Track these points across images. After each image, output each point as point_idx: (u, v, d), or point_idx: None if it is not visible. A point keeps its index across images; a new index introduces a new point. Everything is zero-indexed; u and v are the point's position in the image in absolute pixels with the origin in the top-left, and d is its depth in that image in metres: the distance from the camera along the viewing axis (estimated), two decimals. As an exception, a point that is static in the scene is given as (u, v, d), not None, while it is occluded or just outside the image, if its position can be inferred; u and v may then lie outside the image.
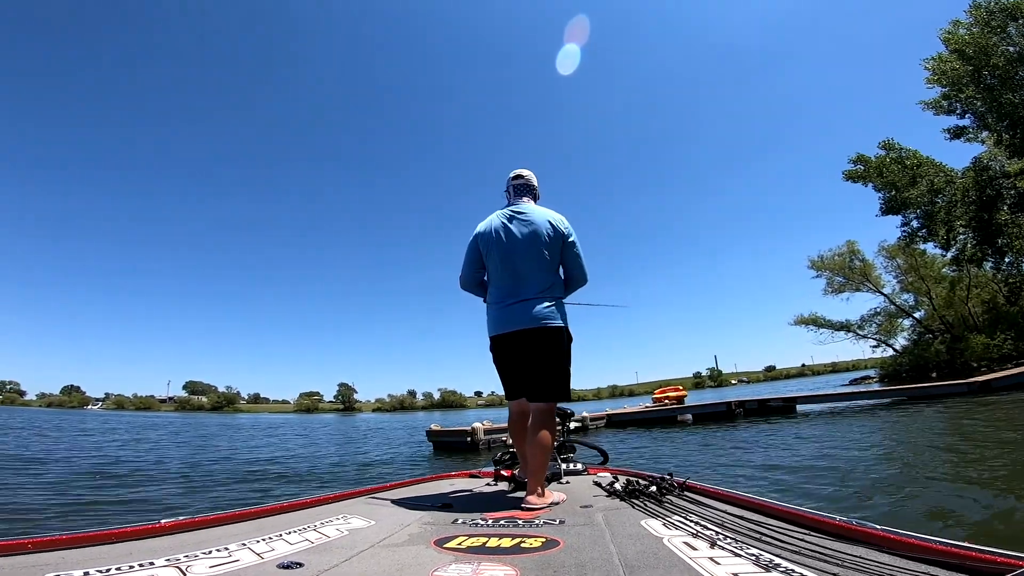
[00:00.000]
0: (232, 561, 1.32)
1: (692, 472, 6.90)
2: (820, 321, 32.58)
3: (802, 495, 4.95)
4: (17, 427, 24.26)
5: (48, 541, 1.33)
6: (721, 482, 5.68)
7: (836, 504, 4.51)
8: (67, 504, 5.97)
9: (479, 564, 1.31)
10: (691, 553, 1.32)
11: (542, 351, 2.43)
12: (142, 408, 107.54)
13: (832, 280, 31.96)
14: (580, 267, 2.64)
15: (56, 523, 4.93)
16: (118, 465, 10.21)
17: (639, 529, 1.66)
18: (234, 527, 1.79)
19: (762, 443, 9.85)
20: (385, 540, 1.64)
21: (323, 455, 13.02)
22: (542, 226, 2.52)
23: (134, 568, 1.20)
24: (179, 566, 1.24)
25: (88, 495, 6.65)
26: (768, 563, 1.18)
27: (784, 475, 6.07)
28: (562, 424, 3.76)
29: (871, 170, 24.72)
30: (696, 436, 12.91)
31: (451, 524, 1.89)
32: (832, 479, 5.55)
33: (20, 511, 5.50)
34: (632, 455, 10.16)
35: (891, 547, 1.21)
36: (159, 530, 1.60)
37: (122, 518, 5.20)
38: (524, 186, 2.73)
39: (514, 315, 2.46)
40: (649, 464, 8.46)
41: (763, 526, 1.49)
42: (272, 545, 1.51)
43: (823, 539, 1.33)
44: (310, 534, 1.69)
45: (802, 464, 6.75)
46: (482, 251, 2.60)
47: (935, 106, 23.05)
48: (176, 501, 6.54)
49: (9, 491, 6.72)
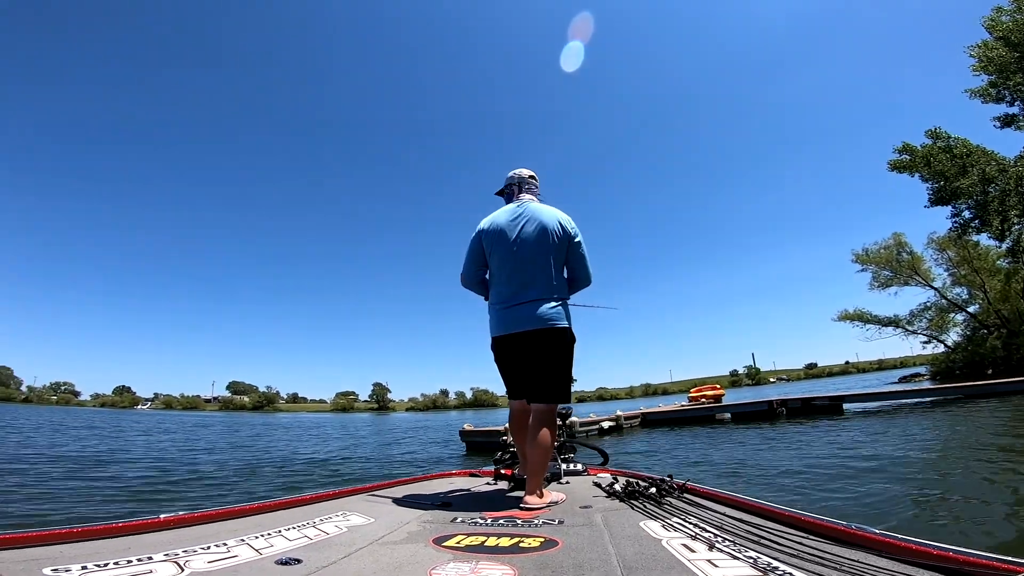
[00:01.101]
0: (231, 557, 1.33)
1: (736, 478, 6.85)
2: (866, 317, 31.55)
3: (867, 504, 4.62)
4: (86, 427, 25.54)
5: (46, 535, 1.33)
6: (767, 488, 5.60)
7: (911, 513, 4.25)
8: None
9: (477, 563, 1.32)
10: (689, 555, 1.33)
11: (546, 352, 2.40)
12: (189, 408, 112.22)
13: (878, 274, 30.93)
14: (585, 268, 2.59)
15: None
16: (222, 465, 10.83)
17: (638, 530, 1.67)
18: (233, 523, 1.79)
19: (810, 444, 9.57)
20: (384, 538, 1.65)
21: (379, 456, 13.25)
22: (550, 225, 2.47)
23: (132, 563, 1.21)
24: (177, 561, 1.25)
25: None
26: (766, 566, 1.18)
27: (842, 481, 5.71)
28: (562, 424, 3.75)
29: (918, 160, 23.77)
30: (737, 436, 12.62)
31: (450, 523, 1.90)
32: (899, 484, 5.30)
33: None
34: (668, 456, 9.96)
35: (889, 551, 1.22)
36: (158, 525, 1.60)
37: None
38: (527, 184, 2.69)
39: (519, 316, 2.41)
40: (685, 466, 8.35)
41: (762, 529, 1.50)
42: (271, 541, 1.52)
43: (821, 542, 1.35)
44: (309, 531, 1.69)
45: (859, 467, 6.46)
46: (485, 248, 2.55)
47: (983, 94, 22.10)
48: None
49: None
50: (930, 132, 23.94)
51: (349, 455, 13.10)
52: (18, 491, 6.47)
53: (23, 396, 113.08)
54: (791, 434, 11.78)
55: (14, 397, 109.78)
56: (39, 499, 6.01)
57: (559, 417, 3.67)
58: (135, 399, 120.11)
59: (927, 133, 24.04)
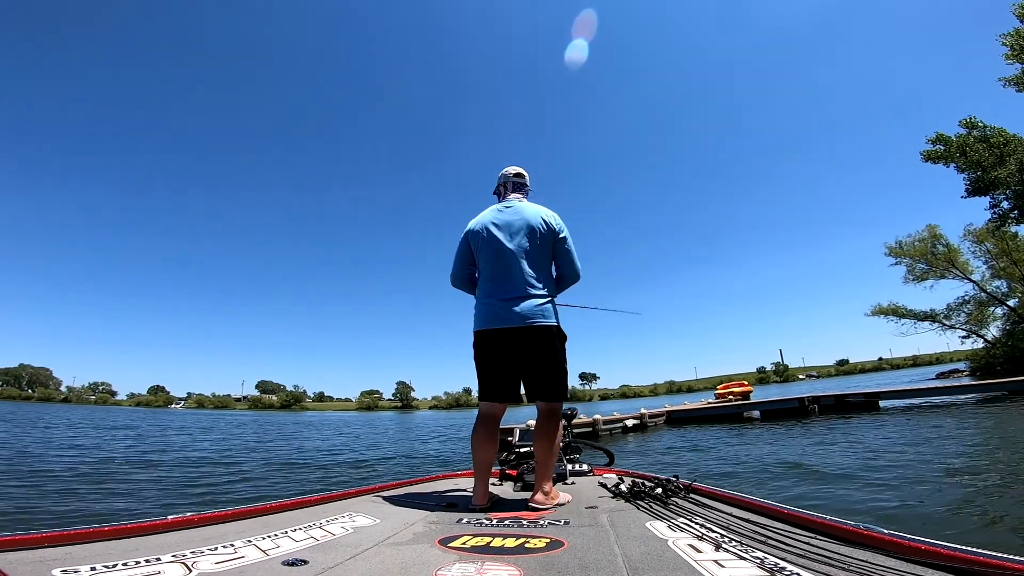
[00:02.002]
0: (237, 557, 1.34)
1: (770, 482, 6.66)
2: (901, 311, 30.61)
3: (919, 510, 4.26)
4: (154, 426, 26.34)
5: (55, 536, 1.33)
6: (817, 493, 5.40)
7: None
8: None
9: (483, 564, 1.32)
10: (696, 555, 1.33)
11: (536, 350, 2.37)
12: (220, 407, 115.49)
13: (913, 267, 29.97)
14: (572, 264, 2.57)
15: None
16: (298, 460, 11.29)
17: (644, 531, 1.66)
18: (240, 524, 1.80)
19: (849, 442, 9.28)
20: (390, 539, 1.65)
21: (413, 454, 13.43)
22: (534, 222, 2.46)
23: (140, 564, 1.22)
24: (185, 562, 1.26)
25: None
26: (773, 566, 1.18)
27: (884, 489, 5.17)
28: (567, 425, 3.77)
29: (952, 150, 23.05)
30: (768, 434, 12.35)
31: (456, 523, 1.90)
32: (968, 489, 4.97)
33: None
34: (696, 456, 9.60)
35: (897, 551, 1.21)
36: (165, 526, 1.60)
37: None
38: (516, 182, 2.68)
39: (503, 312, 2.38)
40: (717, 465, 8.17)
41: (768, 529, 1.49)
42: (277, 542, 1.53)
43: (828, 542, 1.33)
44: (315, 532, 1.70)
45: (904, 468, 6.17)
46: (473, 248, 2.55)
47: (1017, 83, 21.28)
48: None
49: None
50: (965, 122, 23.15)
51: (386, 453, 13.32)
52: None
53: (62, 396, 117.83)
54: (836, 432, 11.35)
55: (54, 397, 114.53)
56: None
57: (564, 417, 3.69)
58: (169, 398, 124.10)
59: (962, 123, 23.27)
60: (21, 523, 4.64)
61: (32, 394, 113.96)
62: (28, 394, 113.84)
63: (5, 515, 4.89)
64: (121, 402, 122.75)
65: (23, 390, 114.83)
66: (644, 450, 11.86)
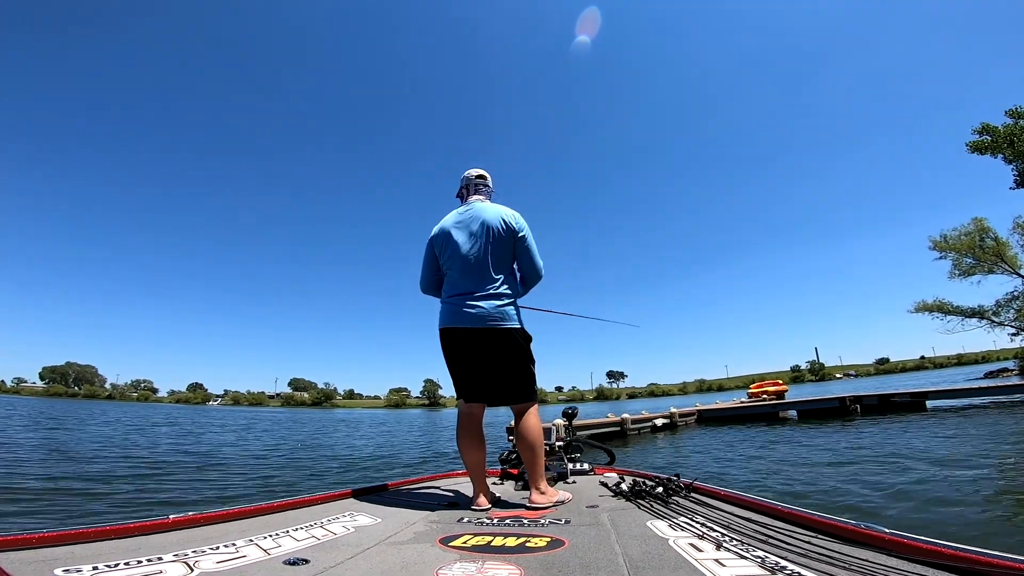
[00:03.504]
0: (239, 557, 1.34)
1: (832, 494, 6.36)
2: (947, 307, 29.21)
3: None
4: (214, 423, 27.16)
5: (57, 536, 1.34)
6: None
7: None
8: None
9: (484, 563, 1.32)
10: (697, 554, 1.32)
11: (496, 354, 2.37)
12: (254, 404, 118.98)
13: (959, 262, 28.64)
14: (532, 264, 2.55)
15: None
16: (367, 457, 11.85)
17: (645, 530, 1.66)
18: (241, 523, 1.80)
19: (904, 446, 8.62)
20: (391, 538, 1.65)
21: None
22: (493, 222, 2.45)
23: (142, 563, 1.22)
24: (187, 561, 1.26)
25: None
26: (774, 565, 1.17)
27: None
28: (567, 424, 3.76)
29: (999, 140, 22.05)
30: (808, 436, 11.84)
31: (457, 523, 1.91)
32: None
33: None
34: (737, 460, 8.92)
35: (899, 551, 1.21)
36: (167, 525, 1.61)
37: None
38: (476, 184, 2.68)
39: (462, 312, 2.39)
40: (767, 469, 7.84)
41: (769, 528, 1.49)
42: (279, 541, 1.53)
43: (830, 542, 1.33)
44: (317, 531, 1.70)
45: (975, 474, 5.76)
46: (437, 252, 2.56)
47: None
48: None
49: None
50: (1011, 112, 22.21)
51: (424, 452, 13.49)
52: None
53: (107, 393, 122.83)
54: (880, 434, 10.80)
55: (98, 394, 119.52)
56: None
57: (565, 417, 3.81)
58: (207, 395, 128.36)
59: (1008, 113, 22.33)
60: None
61: (78, 391, 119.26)
62: (74, 391, 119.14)
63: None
64: (162, 399, 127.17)
65: (70, 387, 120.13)
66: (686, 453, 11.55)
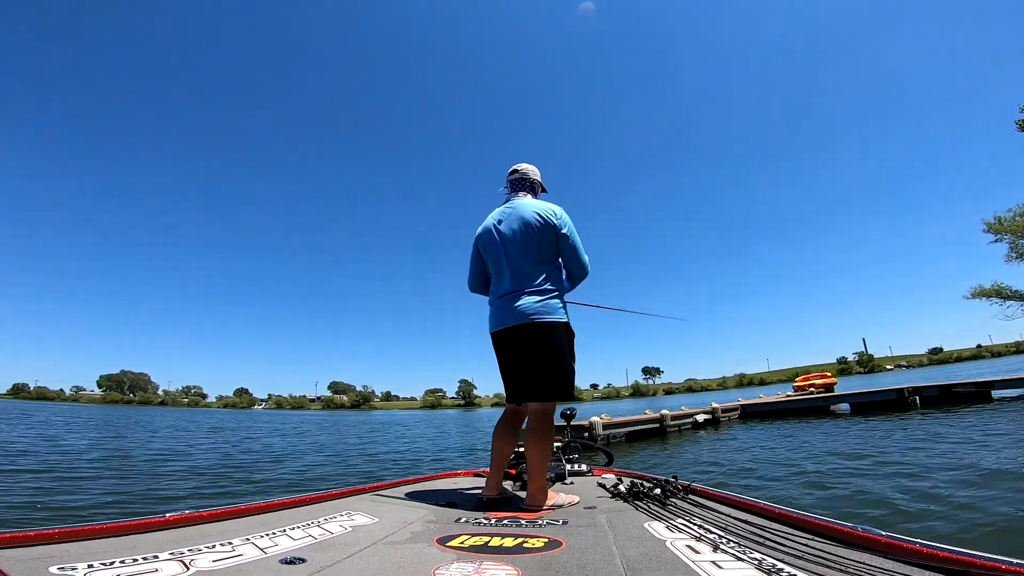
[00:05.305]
0: (235, 556, 1.33)
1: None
2: (1005, 292, 27.55)
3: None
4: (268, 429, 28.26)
5: (52, 533, 1.32)
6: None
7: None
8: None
9: (481, 563, 1.31)
10: (694, 556, 1.32)
11: (532, 347, 2.33)
12: (296, 407, 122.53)
13: (1016, 244, 26.92)
14: (577, 260, 2.51)
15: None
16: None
17: (642, 531, 1.65)
18: (238, 522, 1.79)
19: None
20: (388, 537, 1.64)
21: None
22: (529, 218, 2.42)
23: (138, 561, 1.21)
24: (183, 560, 1.25)
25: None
26: (771, 568, 1.17)
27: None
28: (567, 424, 3.72)
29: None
30: (867, 430, 11.01)
31: (454, 523, 1.90)
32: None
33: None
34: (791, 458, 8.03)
35: (896, 554, 1.20)
36: (163, 523, 1.59)
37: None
38: (520, 180, 2.66)
39: (506, 312, 2.39)
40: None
41: (767, 530, 1.49)
42: (275, 540, 1.52)
43: (827, 544, 1.32)
44: (313, 530, 1.69)
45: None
46: (482, 251, 2.58)
47: None
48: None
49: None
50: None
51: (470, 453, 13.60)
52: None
53: (159, 399, 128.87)
54: (953, 427, 9.87)
55: (152, 400, 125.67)
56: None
57: (564, 417, 3.71)
58: (252, 400, 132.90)
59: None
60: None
61: (133, 398, 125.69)
62: (129, 398, 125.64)
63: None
64: (211, 404, 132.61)
65: (125, 394, 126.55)
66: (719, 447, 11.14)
